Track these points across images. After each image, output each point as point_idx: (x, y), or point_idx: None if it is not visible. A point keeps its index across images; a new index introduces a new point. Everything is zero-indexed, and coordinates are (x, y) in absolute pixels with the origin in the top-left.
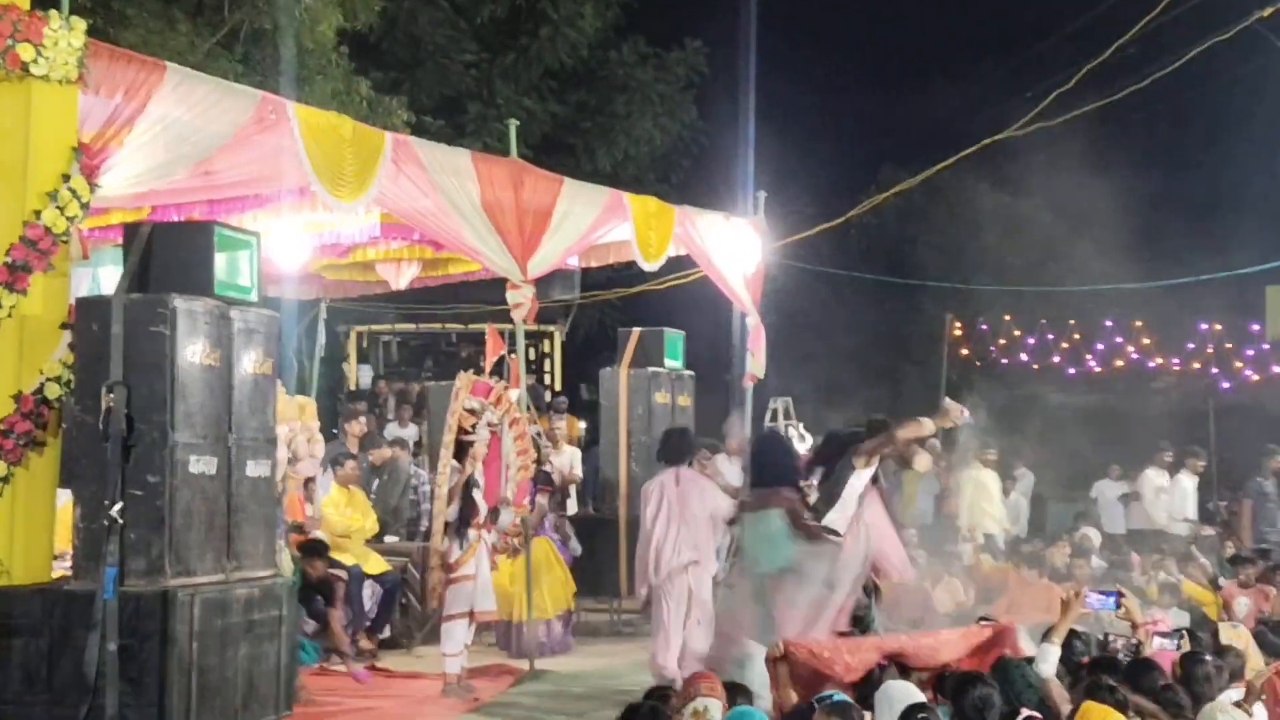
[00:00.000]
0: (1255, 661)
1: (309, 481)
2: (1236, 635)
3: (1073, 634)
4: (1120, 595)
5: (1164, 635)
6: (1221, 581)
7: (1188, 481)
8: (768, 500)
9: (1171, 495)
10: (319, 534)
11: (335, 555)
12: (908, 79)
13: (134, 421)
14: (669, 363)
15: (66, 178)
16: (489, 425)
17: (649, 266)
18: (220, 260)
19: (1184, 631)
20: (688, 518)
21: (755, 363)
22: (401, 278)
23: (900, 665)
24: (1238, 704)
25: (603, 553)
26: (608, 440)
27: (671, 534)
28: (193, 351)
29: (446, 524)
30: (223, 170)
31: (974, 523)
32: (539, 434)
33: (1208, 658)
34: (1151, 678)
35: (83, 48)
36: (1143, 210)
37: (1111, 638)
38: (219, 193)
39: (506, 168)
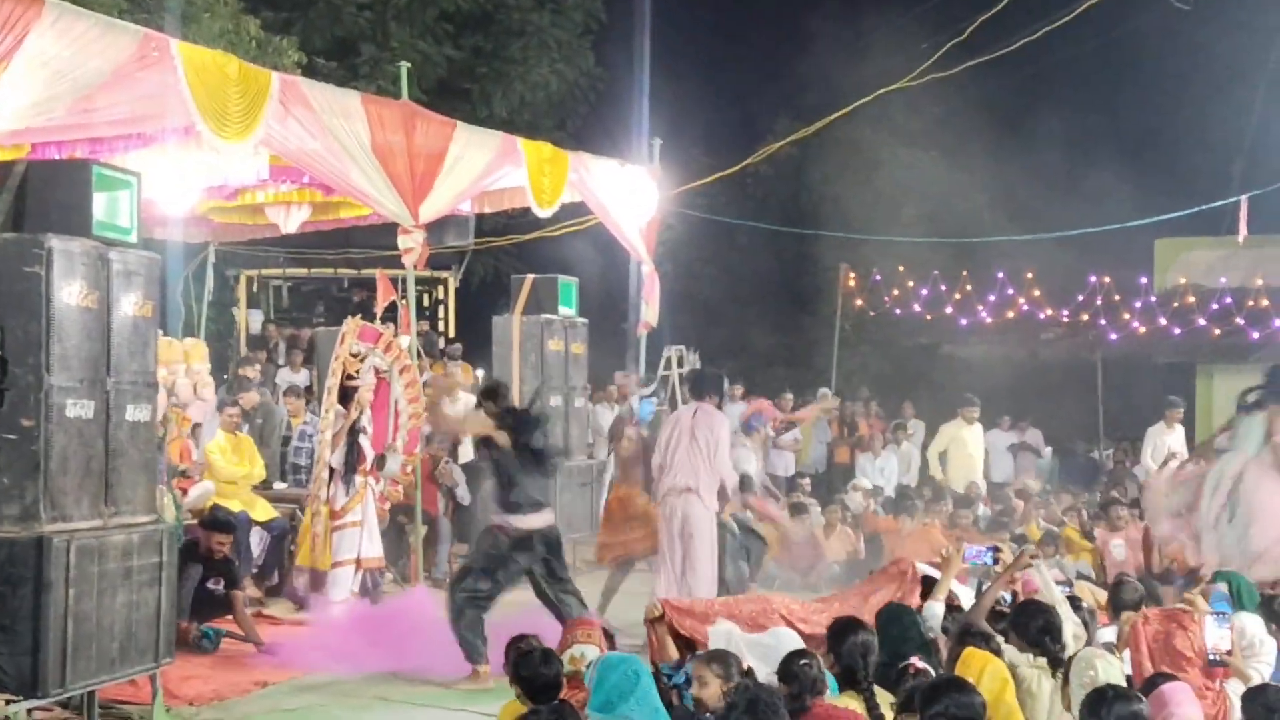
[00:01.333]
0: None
1: (196, 427)
2: (1087, 592)
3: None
4: (997, 550)
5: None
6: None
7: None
8: None
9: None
10: (206, 482)
11: (222, 501)
12: (805, 30)
13: (8, 364)
14: (563, 310)
15: None
16: (377, 371)
17: (543, 213)
18: (99, 200)
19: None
20: (693, 447)
21: (649, 311)
22: (291, 221)
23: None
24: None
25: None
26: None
27: (675, 459)
28: (69, 293)
29: (332, 470)
30: (104, 108)
31: (947, 478)
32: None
33: (1084, 604)
34: (1035, 621)
35: None
36: (1035, 163)
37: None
38: (101, 131)
39: (398, 110)
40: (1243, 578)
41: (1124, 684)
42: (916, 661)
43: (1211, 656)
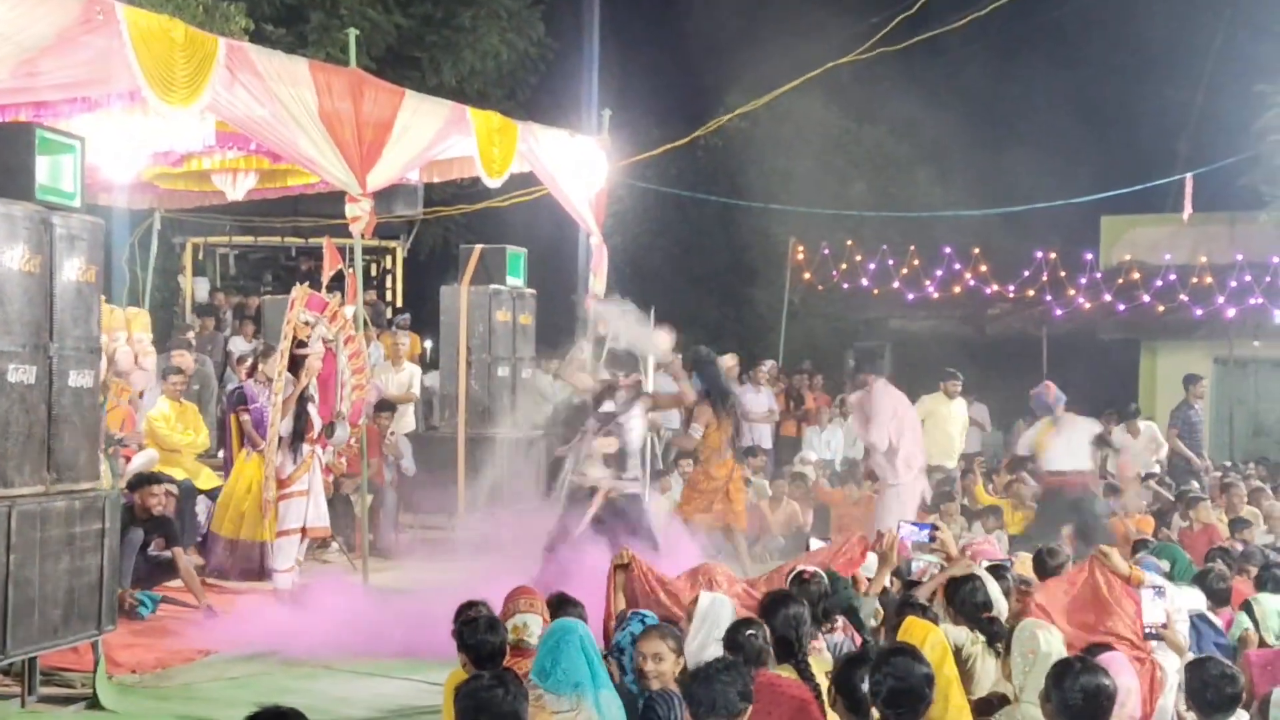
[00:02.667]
0: None
1: (139, 395)
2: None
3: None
4: (935, 528)
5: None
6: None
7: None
8: None
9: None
10: (150, 449)
11: (165, 469)
12: (756, 2)
13: None
14: (511, 280)
15: None
16: (324, 340)
17: (492, 183)
18: (42, 164)
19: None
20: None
21: (598, 282)
22: (238, 189)
23: None
24: None
25: (441, 470)
26: (447, 357)
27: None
28: (11, 257)
29: (280, 438)
30: (48, 72)
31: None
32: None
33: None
34: (968, 590)
35: None
36: (983, 138)
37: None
38: (45, 95)
39: (346, 78)
40: (1179, 551)
41: (1066, 654)
42: (840, 624)
43: (1148, 630)
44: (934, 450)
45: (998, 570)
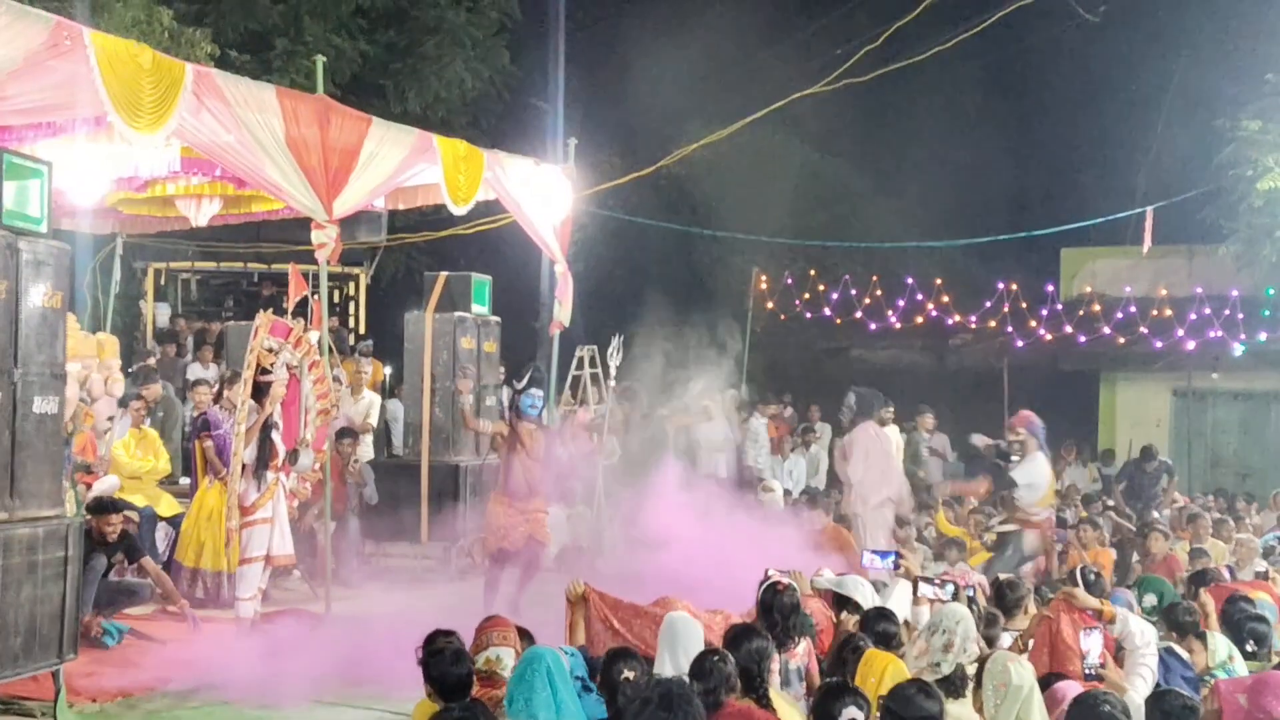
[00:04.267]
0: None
1: (108, 421)
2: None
3: None
4: (899, 555)
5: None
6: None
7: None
8: None
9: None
10: (111, 476)
11: (126, 496)
12: (721, 32)
13: None
14: (475, 308)
15: None
16: (288, 367)
17: (458, 210)
18: (9, 189)
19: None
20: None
21: (562, 310)
22: (202, 214)
23: None
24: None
25: (405, 498)
26: (411, 385)
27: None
28: None
29: (244, 465)
30: (14, 96)
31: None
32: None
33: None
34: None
35: None
36: (946, 170)
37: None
38: (10, 120)
39: (312, 104)
40: (1166, 584)
41: (1035, 685)
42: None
43: (1087, 672)
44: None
45: (969, 601)
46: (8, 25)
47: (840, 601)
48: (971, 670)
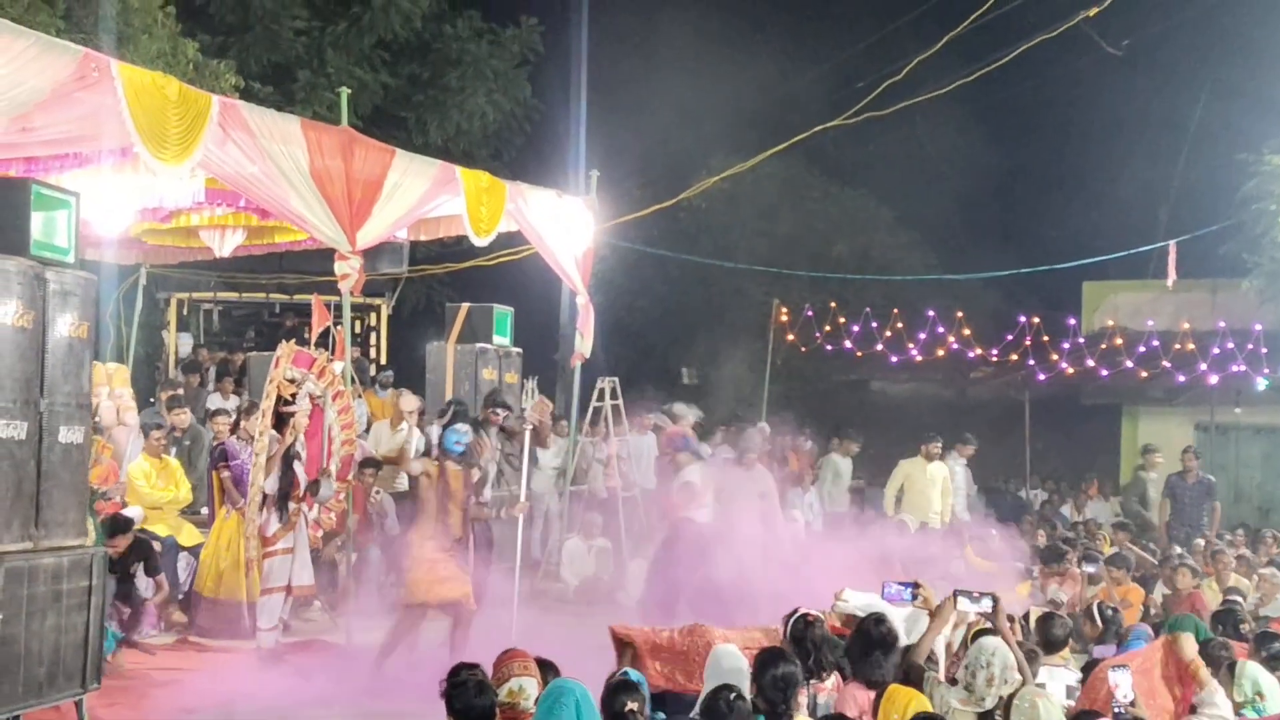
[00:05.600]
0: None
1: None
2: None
3: None
4: (917, 586)
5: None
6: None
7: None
8: None
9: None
10: (135, 507)
11: (148, 526)
12: (741, 65)
13: None
14: (497, 339)
15: None
16: (311, 397)
17: (480, 242)
18: (37, 219)
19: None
20: None
21: (583, 342)
22: (225, 245)
23: None
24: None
25: None
26: (432, 415)
27: None
28: (4, 312)
29: (265, 495)
30: (42, 127)
31: (903, 513)
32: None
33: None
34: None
35: None
36: (967, 203)
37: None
38: (37, 151)
39: (337, 136)
40: (1201, 623)
41: None
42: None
43: (1117, 710)
44: (913, 511)
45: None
46: (36, 57)
47: None
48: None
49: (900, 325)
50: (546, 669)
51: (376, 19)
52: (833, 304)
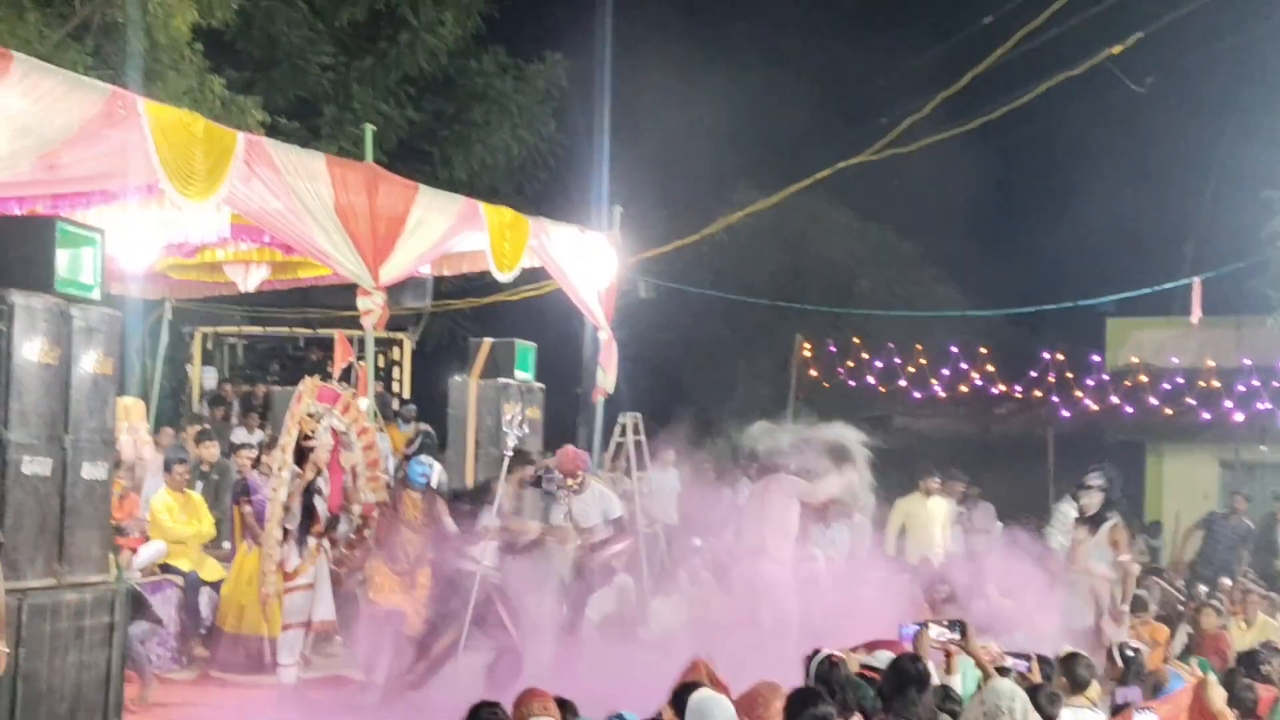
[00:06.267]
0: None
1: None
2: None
3: None
4: (963, 625)
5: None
6: None
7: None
8: None
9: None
10: (158, 541)
11: (171, 561)
12: (764, 101)
13: None
14: (519, 374)
15: None
16: (335, 433)
17: (503, 277)
18: (62, 256)
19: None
20: None
21: (606, 377)
22: (250, 280)
23: None
24: None
25: None
26: (455, 450)
27: None
28: (30, 349)
29: (286, 530)
30: (69, 164)
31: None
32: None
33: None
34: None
35: None
36: (991, 238)
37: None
38: (64, 187)
39: (361, 172)
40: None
41: None
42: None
43: None
44: (914, 548)
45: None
46: (65, 94)
47: None
48: None
49: (923, 361)
50: (565, 708)
51: (403, 55)
52: (856, 339)
